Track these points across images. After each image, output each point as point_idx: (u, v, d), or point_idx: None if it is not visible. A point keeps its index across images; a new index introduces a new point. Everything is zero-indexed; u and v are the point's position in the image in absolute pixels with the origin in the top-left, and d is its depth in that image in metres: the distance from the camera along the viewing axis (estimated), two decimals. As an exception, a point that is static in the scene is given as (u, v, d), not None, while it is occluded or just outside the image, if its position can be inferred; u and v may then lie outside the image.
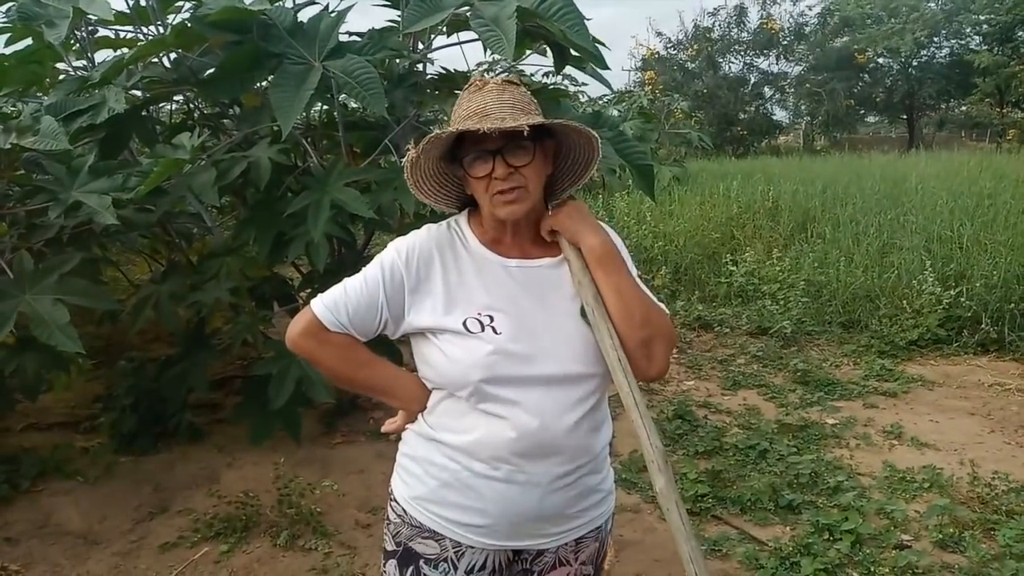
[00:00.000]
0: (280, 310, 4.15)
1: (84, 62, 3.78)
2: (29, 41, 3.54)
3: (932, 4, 23.33)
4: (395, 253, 1.42)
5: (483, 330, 1.36)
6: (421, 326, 1.40)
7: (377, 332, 1.43)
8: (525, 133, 1.29)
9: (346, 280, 1.43)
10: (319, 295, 1.43)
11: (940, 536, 3.03)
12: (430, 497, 1.42)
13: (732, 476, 3.60)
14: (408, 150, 1.38)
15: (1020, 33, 20.52)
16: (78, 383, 4.40)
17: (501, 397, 1.35)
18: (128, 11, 3.61)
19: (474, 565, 1.44)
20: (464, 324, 1.36)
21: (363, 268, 1.44)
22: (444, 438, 1.41)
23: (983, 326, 5.50)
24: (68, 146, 3.03)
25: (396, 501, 1.49)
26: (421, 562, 1.44)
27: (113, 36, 3.95)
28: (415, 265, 1.41)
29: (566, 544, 1.47)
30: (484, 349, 1.34)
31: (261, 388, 3.50)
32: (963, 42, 23.46)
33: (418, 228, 1.49)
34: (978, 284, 5.72)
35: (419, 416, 1.47)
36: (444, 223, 1.48)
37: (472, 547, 1.42)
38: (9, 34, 3.56)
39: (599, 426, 1.45)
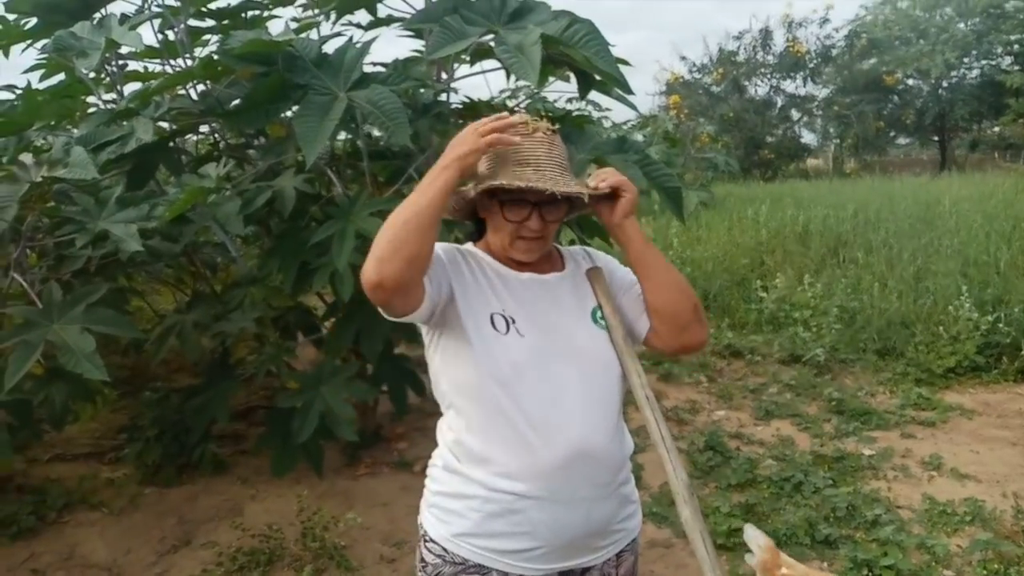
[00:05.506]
0: (304, 340, 4.13)
1: (114, 95, 3.84)
2: (62, 76, 3.61)
3: (962, 25, 23.09)
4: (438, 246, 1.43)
5: (508, 330, 1.38)
6: (458, 313, 1.40)
7: (424, 274, 1.32)
8: (586, 200, 1.39)
9: None
10: None
11: (984, 572, 2.92)
12: (475, 531, 1.40)
13: (766, 509, 3.51)
14: (475, 184, 1.40)
15: (1052, 53, 20.22)
16: (103, 413, 4.43)
17: (532, 405, 1.35)
18: (158, 45, 3.67)
19: None
20: (491, 320, 1.39)
21: None
22: (478, 473, 1.39)
23: (1023, 352, 5.34)
24: (97, 175, 3.06)
25: (433, 541, 1.46)
26: None
27: (143, 70, 4.02)
28: (451, 254, 1.45)
29: (608, 560, 1.48)
30: (512, 347, 1.37)
31: (284, 420, 3.48)
32: (994, 63, 23.14)
33: None
34: (1016, 309, 5.57)
35: (446, 452, 1.45)
36: (453, 245, 1.52)
37: (521, 575, 1.40)
38: (43, 70, 3.64)
39: (624, 433, 1.48)
